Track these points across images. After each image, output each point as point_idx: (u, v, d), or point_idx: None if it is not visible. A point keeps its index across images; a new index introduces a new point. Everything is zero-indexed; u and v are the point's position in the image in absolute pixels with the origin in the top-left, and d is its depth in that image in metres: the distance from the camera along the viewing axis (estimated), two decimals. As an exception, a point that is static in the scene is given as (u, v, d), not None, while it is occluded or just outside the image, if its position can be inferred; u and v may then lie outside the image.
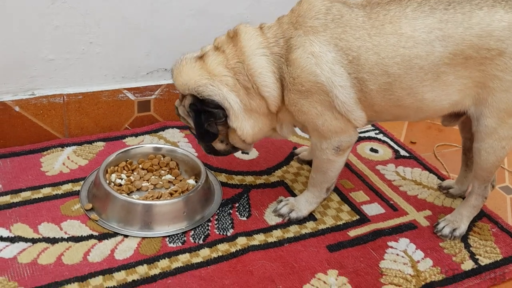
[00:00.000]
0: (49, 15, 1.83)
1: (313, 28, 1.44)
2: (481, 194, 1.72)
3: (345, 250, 1.66)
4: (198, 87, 1.50)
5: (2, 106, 1.89)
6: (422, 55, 1.43)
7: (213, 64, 1.50)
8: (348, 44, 1.43)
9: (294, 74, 1.46)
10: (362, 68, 1.43)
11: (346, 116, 1.52)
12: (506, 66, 1.46)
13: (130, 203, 1.64)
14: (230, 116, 1.53)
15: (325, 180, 1.70)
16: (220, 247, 1.61)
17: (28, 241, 1.56)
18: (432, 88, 1.48)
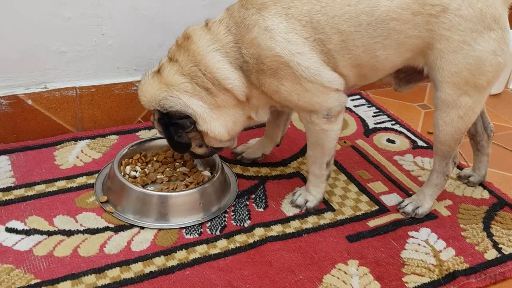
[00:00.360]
0: (60, 6, 1.81)
1: (263, 4, 1.45)
2: (441, 172, 1.71)
3: (365, 240, 1.63)
4: (159, 102, 1.51)
5: (14, 100, 1.88)
6: (367, 11, 1.43)
7: (169, 75, 1.50)
8: (298, 11, 1.43)
9: (255, 54, 1.45)
10: (317, 30, 1.43)
11: (316, 82, 1.48)
12: (452, 24, 1.44)
13: (145, 195, 1.61)
14: (198, 120, 1.52)
15: (324, 153, 1.65)
16: (238, 238, 1.59)
17: (43, 233, 1.54)
18: (384, 45, 1.47)
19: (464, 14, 1.43)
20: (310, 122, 1.59)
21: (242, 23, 1.45)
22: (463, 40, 1.45)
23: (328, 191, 1.83)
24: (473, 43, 1.45)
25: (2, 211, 1.61)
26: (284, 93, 1.51)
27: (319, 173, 1.69)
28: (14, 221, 1.57)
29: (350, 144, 2.12)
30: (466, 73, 1.48)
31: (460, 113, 1.55)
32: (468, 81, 1.49)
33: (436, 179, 1.72)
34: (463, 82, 1.50)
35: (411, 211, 1.73)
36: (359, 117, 2.32)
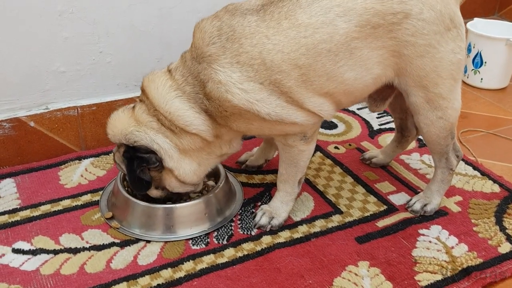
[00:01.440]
0: (57, 26, 1.83)
1: (213, 55, 1.37)
2: (445, 167, 1.69)
3: (375, 241, 1.60)
4: (126, 135, 1.50)
5: (17, 122, 1.89)
6: (325, 38, 1.36)
7: (138, 112, 1.50)
8: (248, 55, 1.35)
9: (215, 104, 1.40)
10: (272, 71, 1.36)
11: (283, 122, 1.43)
12: (416, 29, 1.41)
13: (150, 208, 1.60)
14: (164, 157, 1.49)
15: (297, 172, 1.61)
16: (245, 246, 1.57)
17: (50, 252, 1.53)
18: (350, 67, 1.41)
19: (426, 17, 1.41)
20: (286, 144, 1.56)
21: (198, 76, 1.41)
22: (428, 44, 1.43)
23: (335, 194, 1.80)
24: (437, 45, 1.44)
25: (9, 233, 1.60)
26: (254, 130, 1.49)
27: (291, 191, 1.65)
28: (21, 242, 1.57)
29: (356, 146, 2.10)
30: (433, 75, 1.48)
31: (439, 114, 1.54)
32: (437, 83, 1.49)
33: (441, 175, 1.70)
34: (432, 84, 1.49)
35: (419, 209, 1.70)
36: (363, 119, 2.31)
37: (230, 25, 1.38)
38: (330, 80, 1.42)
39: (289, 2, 1.39)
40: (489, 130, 2.24)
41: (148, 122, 1.48)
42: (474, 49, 2.58)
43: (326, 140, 2.13)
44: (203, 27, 1.41)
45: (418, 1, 1.40)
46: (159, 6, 1.97)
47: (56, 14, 1.80)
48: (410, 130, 1.86)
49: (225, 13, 1.42)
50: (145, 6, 1.94)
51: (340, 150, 2.07)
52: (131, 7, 1.92)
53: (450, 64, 1.48)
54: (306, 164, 1.62)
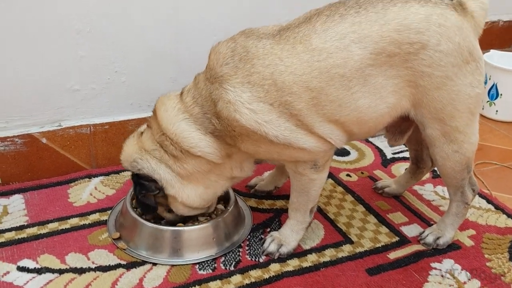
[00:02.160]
0: (74, 45, 1.84)
1: (225, 76, 1.38)
2: (460, 201, 1.65)
3: (386, 273, 1.56)
4: (131, 163, 1.54)
5: (29, 139, 1.89)
6: (339, 63, 1.36)
7: (145, 139, 1.53)
8: (260, 76, 1.35)
9: (224, 124, 1.41)
10: (283, 92, 1.35)
11: (291, 146, 1.42)
12: (433, 60, 1.39)
13: (158, 230, 1.59)
14: (165, 185, 1.51)
15: (309, 200, 1.59)
16: (253, 273, 1.54)
17: (55, 272, 1.51)
18: (363, 94, 1.40)
19: (444, 49, 1.39)
20: (296, 172, 1.53)
21: (210, 96, 1.41)
22: (445, 76, 1.41)
23: (346, 223, 1.77)
24: (454, 78, 1.42)
25: (14, 250, 1.59)
26: (262, 153, 1.47)
27: (302, 220, 1.62)
28: (26, 259, 1.55)
29: (368, 174, 2.07)
30: (450, 108, 1.45)
31: (454, 148, 1.52)
32: (453, 116, 1.47)
33: (455, 208, 1.66)
34: (449, 117, 1.47)
35: (432, 242, 1.66)
36: (376, 147, 2.28)
37: (244, 46, 1.39)
38: (343, 107, 1.40)
39: (305, 27, 1.39)
40: (503, 163, 2.21)
41: (151, 151, 1.51)
42: (490, 80, 2.55)
43: (338, 167, 2.11)
44: (218, 49, 1.43)
45: (435, 32, 1.39)
46: (175, 28, 1.98)
47: (73, 32, 1.82)
48: (425, 162, 1.83)
49: (241, 35, 1.44)
50: (161, 27, 1.95)
51: (352, 178, 2.04)
52: (147, 28, 1.93)
53: (467, 98, 1.46)
54: (318, 193, 1.59)
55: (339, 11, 1.40)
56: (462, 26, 1.41)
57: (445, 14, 1.40)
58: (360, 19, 1.37)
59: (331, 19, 1.39)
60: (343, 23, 1.37)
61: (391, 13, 1.38)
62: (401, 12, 1.38)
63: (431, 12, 1.39)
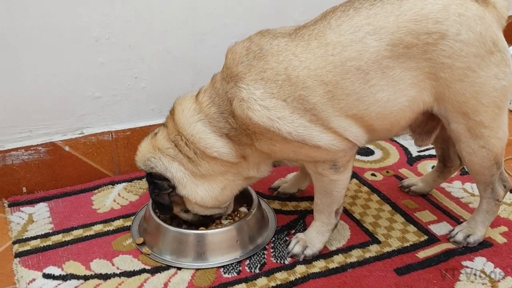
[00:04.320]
0: (93, 52, 1.85)
1: (239, 74, 1.38)
2: (491, 197, 1.60)
3: (415, 272, 1.52)
4: (144, 162, 1.55)
5: (52, 147, 1.90)
6: (354, 56, 1.33)
7: (159, 139, 1.54)
8: (273, 72, 1.35)
9: (239, 122, 1.41)
10: (296, 86, 1.34)
11: (306, 143, 1.39)
12: (453, 50, 1.34)
13: (181, 234, 1.58)
14: (177, 185, 1.51)
15: (333, 202, 1.55)
16: (278, 275, 1.51)
17: (80, 278, 1.51)
18: (382, 87, 1.36)
19: (464, 38, 1.34)
20: (317, 173, 1.50)
21: (226, 96, 1.42)
22: (467, 67, 1.36)
23: (372, 223, 1.74)
24: (477, 69, 1.37)
25: (40, 258, 1.59)
26: (278, 152, 1.45)
27: (327, 222, 1.59)
28: (51, 267, 1.56)
29: (393, 173, 2.03)
30: (473, 101, 1.40)
31: (481, 143, 1.46)
32: (478, 110, 1.41)
33: (486, 205, 1.61)
34: (473, 111, 1.41)
35: (462, 240, 1.61)
36: (401, 145, 2.24)
37: (259, 44, 1.40)
38: (360, 100, 1.37)
39: (321, 24, 1.39)
40: (535, 158, 2.14)
41: (165, 149, 1.51)
42: (517, 74, 2.48)
43: (362, 167, 2.07)
44: (234, 49, 1.44)
45: (455, 22, 1.34)
46: (193, 32, 1.97)
47: (92, 39, 1.83)
48: (452, 160, 1.78)
49: (257, 35, 1.44)
50: (179, 32, 1.95)
51: (377, 177, 2.00)
52: (165, 33, 1.93)
53: (492, 91, 1.40)
54: (341, 194, 1.55)
55: (354, 5, 1.38)
56: (484, 16, 1.37)
57: (465, 4, 1.36)
58: (375, 11, 1.35)
59: (345, 14, 1.37)
60: (358, 16, 1.36)
61: (408, 3, 1.35)
62: (417, 3, 1.35)
63: (450, 2, 1.35)
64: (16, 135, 1.87)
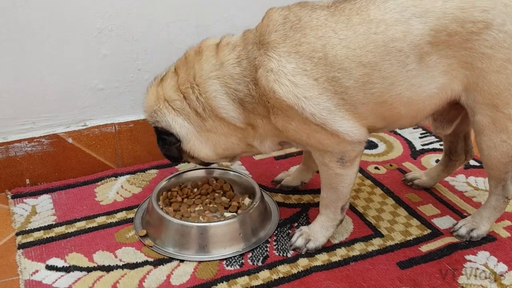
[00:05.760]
0: (96, 44, 1.85)
1: (272, 43, 1.34)
2: (500, 194, 1.58)
3: (418, 266, 1.52)
4: (150, 114, 1.52)
5: (55, 139, 1.90)
6: (398, 37, 1.29)
7: (166, 88, 1.49)
8: (310, 47, 1.30)
9: (260, 92, 1.37)
10: (332, 67, 1.30)
11: (325, 127, 1.36)
12: (496, 41, 1.31)
13: (184, 226, 1.57)
14: (181, 139, 1.50)
15: (338, 198, 1.53)
16: (281, 268, 1.51)
17: (83, 270, 1.52)
18: (417, 72, 1.33)
19: (509, 29, 1.30)
20: (323, 163, 1.48)
21: (253, 61, 1.37)
22: (507, 59, 1.33)
23: (375, 216, 1.73)
24: None
25: (43, 249, 1.60)
26: (291, 131, 1.42)
27: (333, 217, 1.57)
28: (54, 258, 1.56)
29: (397, 167, 2.02)
30: (507, 94, 1.37)
31: (503, 137, 1.43)
32: (508, 103, 1.38)
33: (495, 202, 1.59)
34: (503, 103, 1.38)
35: (465, 234, 1.61)
36: (405, 139, 2.23)
37: (297, 15, 1.35)
38: (395, 85, 1.34)
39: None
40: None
41: (172, 101, 1.47)
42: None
43: (366, 160, 2.06)
44: (270, 15, 1.39)
45: (501, 12, 1.30)
46: (196, 24, 1.97)
47: (95, 31, 1.82)
48: (458, 155, 1.77)
49: (296, 5, 1.39)
50: (182, 24, 1.94)
51: (380, 171, 2.00)
52: (169, 25, 1.93)
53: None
54: (347, 190, 1.52)
55: None
56: None
57: None
58: None
59: None
60: None
61: None
62: None
63: None
64: (19, 127, 1.87)
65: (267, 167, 2.03)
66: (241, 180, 1.81)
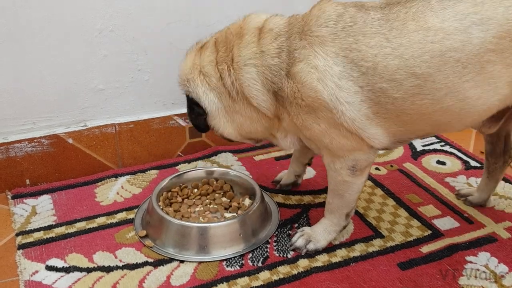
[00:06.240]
0: (97, 44, 1.84)
1: (320, 38, 1.29)
2: None
3: (419, 267, 1.51)
4: (184, 81, 1.51)
5: (56, 139, 1.90)
6: (456, 46, 1.21)
7: (204, 60, 1.47)
8: (360, 55, 1.25)
9: (295, 88, 1.32)
10: (380, 78, 1.25)
11: (357, 134, 1.34)
12: None
13: (184, 227, 1.57)
14: (208, 115, 1.50)
15: (343, 205, 1.52)
16: (281, 269, 1.51)
17: (83, 270, 1.51)
18: (476, 83, 1.25)
19: None
20: (333, 170, 1.46)
21: (293, 53, 1.32)
22: None
23: (376, 217, 1.73)
24: None
25: (43, 250, 1.59)
26: (317, 132, 1.38)
27: (337, 222, 1.56)
28: (54, 259, 1.56)
29: (397, 167, 2.02)
30: None
31: None
32: None
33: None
34: None
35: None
36: (405, 140, 2.22)
37: (353, 17, 1.29)
38: (448, 96, 1.26)
39: (418, 3, 1.26)
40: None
41: (208, 76, 1.46)
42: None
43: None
44: (324, 7, 1.34)
45: None
46: (196, 24, 1.96)
47: (95, 32, 1.82)
48: (498, 156, 1.68)
49: (352, 6, 1.33)
50: (183, 24, 1.94)
51: (381, 172, 1.99)
52: (169, 25, 1.92)
53: None
54: (353, 198, 1.50)
55: None
56: None
57: None
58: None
59: None
60: (464, 2, 1.23)
61: None
62: None
63: None
64: (20, 127, 1.87)
65: (267, 168, 2.03)
66: (242, 180, 1.81)
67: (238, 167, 2.03)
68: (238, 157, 2.09)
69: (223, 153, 2.11)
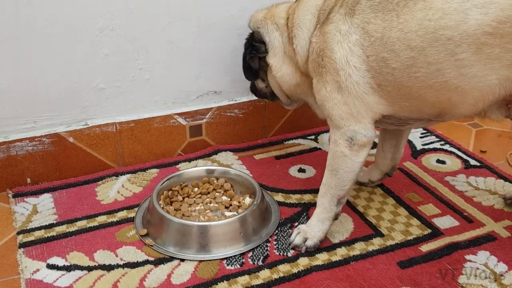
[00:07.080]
0: (98, 43, 1.85)
1: (352, 11, 1.44)
2: None
3: (418, 266, 1.52)
4: (255, 21, 1.72)
5: (56, 138, 1.91)
6: (450, 25, 1.29)
7: (279, 8, 1.70)
8: (374, 27, 1.39)
9: (321, 45, 1.48)
10: (384, 47, 1.37)
11: (359, 99, 1.44)
12: None
13: (185, 225, 1.58)
14: (269, 50, 1.67)
15: (337, 184, 1.54)
16: (281, 268, 1.52)
17: (84, 269, 1.52)
18: (471, 62, 1.30)
19: None
20: (333, 141, 1.53)
21: (330, 14, 1.49)
22: None
23: (376, 216, 1.73)
24: None
25: (44, 248, 1.60)
26: (322, 95, 1.51)
27: (328, 207, 1.57)
28: (55, 257, 1.56)
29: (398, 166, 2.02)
30: None
31: None
32: None
33: None
34: None
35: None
36: (405, 139, 2.23)
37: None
38: (441, 71, 1.34)
39: None
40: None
41: (278, 17, 1.67)
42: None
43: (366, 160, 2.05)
44: None
45: None
46: (198, 23, 1.97)
47: (96, 31, 1.82)
48: None
49: None
50: (183, 23, 1.95)
51: (381, 170, 2.00)
52: (170, 25, 1.93)
53: None
54: (348, 178, 1.53)
55: None
56: None
57: None
58: None
59: None
60: None
61: None
62: None
63: None
64: (21, 126, 1.87)
65: (268, 167, 2.03)
66: (242, 179, 1.82)
67: (239, 166, 2.03)
68: (238, 156, 2.10)
69: (223, 152, 2.12)
